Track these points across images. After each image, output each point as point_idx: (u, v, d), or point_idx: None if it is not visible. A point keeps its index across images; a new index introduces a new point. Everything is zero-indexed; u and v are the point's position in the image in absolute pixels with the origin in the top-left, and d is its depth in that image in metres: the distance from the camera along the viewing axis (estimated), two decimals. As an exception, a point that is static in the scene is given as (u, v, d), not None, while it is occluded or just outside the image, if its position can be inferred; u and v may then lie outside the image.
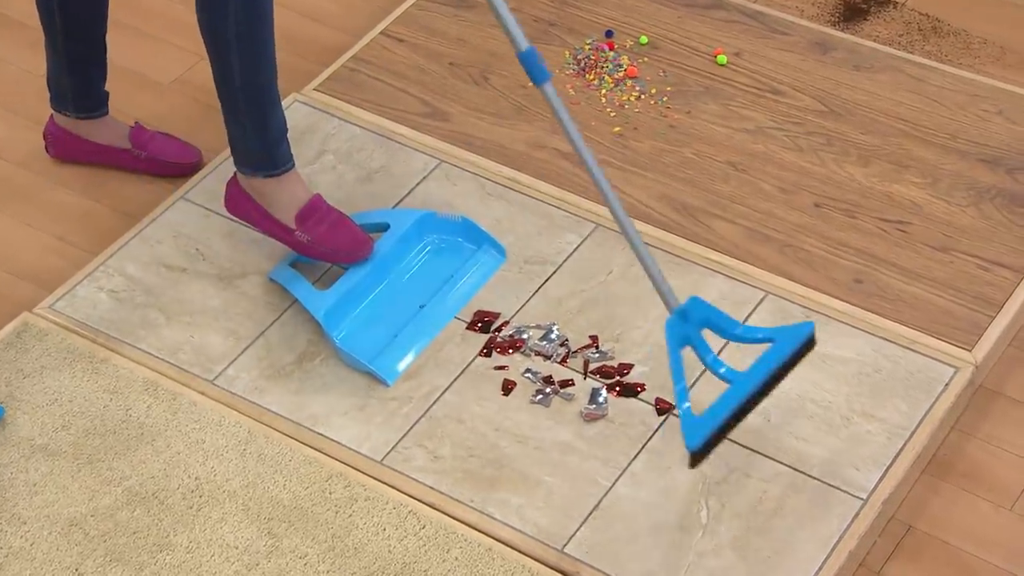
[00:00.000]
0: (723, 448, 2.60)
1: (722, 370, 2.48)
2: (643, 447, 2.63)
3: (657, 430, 2.65)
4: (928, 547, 2.54)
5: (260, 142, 2.81)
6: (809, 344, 2.48)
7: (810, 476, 2.58)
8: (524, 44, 2.44)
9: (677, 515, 2.54)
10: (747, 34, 3.31)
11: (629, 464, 2.61)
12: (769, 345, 2.48)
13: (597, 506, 2.56)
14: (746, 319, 2.79)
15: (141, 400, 2.75)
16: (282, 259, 2.94)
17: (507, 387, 2.73)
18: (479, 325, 2.82)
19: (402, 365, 2.77)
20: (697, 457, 2.42)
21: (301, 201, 2.86)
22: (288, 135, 2.84)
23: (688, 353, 2.47)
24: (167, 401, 2.75)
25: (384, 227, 2.93)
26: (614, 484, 2.59)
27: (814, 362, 2.71)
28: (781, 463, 2.60)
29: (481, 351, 2.78)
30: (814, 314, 2.79)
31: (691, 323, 2.47)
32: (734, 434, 2.62)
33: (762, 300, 2.82)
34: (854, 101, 3.16)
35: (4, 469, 2.65)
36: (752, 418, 2.63)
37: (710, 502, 2.55)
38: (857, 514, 2.52)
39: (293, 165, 2.86)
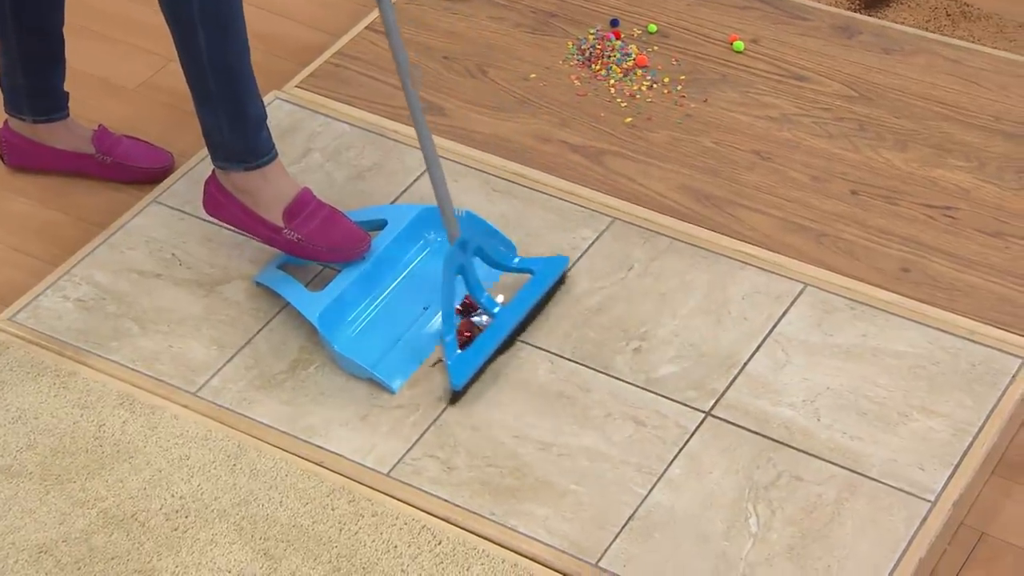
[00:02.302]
0: (769, 449, 2.36)
1: (495, 309, 2.53)
2: (680, 451, 2.37)
3: (695, 432, 2.39)
4: (1005, 555, 2.28)
5: (237, 130, 2.55)
6: (563, 277, 2.60)
7: (869, 477, 2.32)
8: None
9: (723, 523, 2.28)
10: (763, 20, 3.08)
11: (666, 469, 2.35)
12: (529, 277, 2.57)
13: (633, 516, 2.29)
14: (785, 312, 2.54)
15: (115, 415, 2.47)
16: (269, 262, 2.67)
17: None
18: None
19: (407, 371, 2.51)
20: (458, 396, 2.45)
21: (288, 196, 2.60)
22: (268, 123, 2.58)
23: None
24: (145, 415, 2.47)
25: (381, 224, 2.67)
26: (650, 491, 2.32)
27: (863, 355, 2.47)
28: (835, 464, 2.34)
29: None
30: (860, 305, 2.54)
31: (468, 252, 2.51)
32: (780, 434, 2.39)
33: (801, 292, 2.57)
34: (886, 85, 2.93)
35: (-37, 491, 2.37)
36: (799, 417, 2.39)
37: (759, 508, 2.29)
38: (926, 517, 2.26)
39: (276, 155, 2.60)
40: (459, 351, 2.46)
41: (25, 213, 2.87)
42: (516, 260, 2.60)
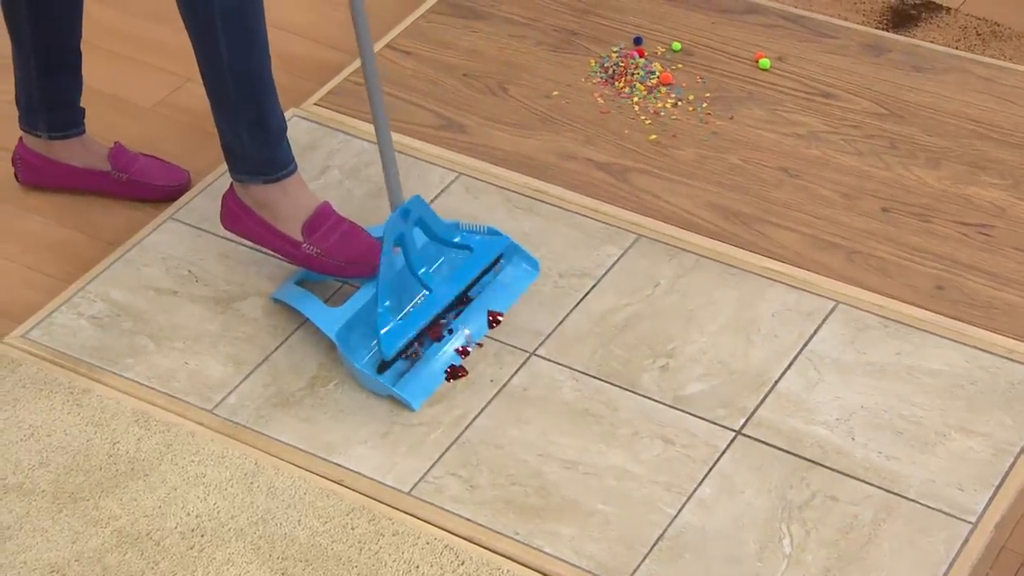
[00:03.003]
0: (802, 469, 2.29)
1: (432, 284, 2.51)
2: (711, 470, 2.30)
3: (725, 451, 2.32)
4: (1049, 580, 2.21)
5: (257, 141, 2.49)
6: (500, 256, 2.59)
7: (906, 498, 2.25)
8: None
9: (756, 544, 2.21)
10: (790, 38, 3.03)
11: (696, 489, 2.28)
12: (468, 254, 2.57)
13: (662, 536, 2.22)
14: (817, 330, 2.48)
15: (130, 432, 2.41)
16: (287, 278, 2.61)
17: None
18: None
19: (428, 388, 2.44)
20: (386, 365, 2.43)
21: (308, 209, 2.54)
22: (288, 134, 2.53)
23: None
24: (160, 433, 2.41)
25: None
26: (680, 511, 2.25)
27: (898, 374, 2.40)
28: (871, 484, 2.27)
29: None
30: (894, 323, 2.48)
31: (409, 222, 2.47)
32: (813, 453, 2.32)
33: (833, 310, 2.51)
34: (917, 103, 2.87)
35: (-28, 509, 2.30)
36: (833, 436, 2.33)
37: (792, 529, 2.22)
38: (967, 539, 2.19)
39: (296, 168, 2.55)
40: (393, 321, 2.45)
41: (40, 231, 2.81)
42: (457, 237, 2.56)
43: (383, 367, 2.43)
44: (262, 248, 2.63)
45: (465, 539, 2.24)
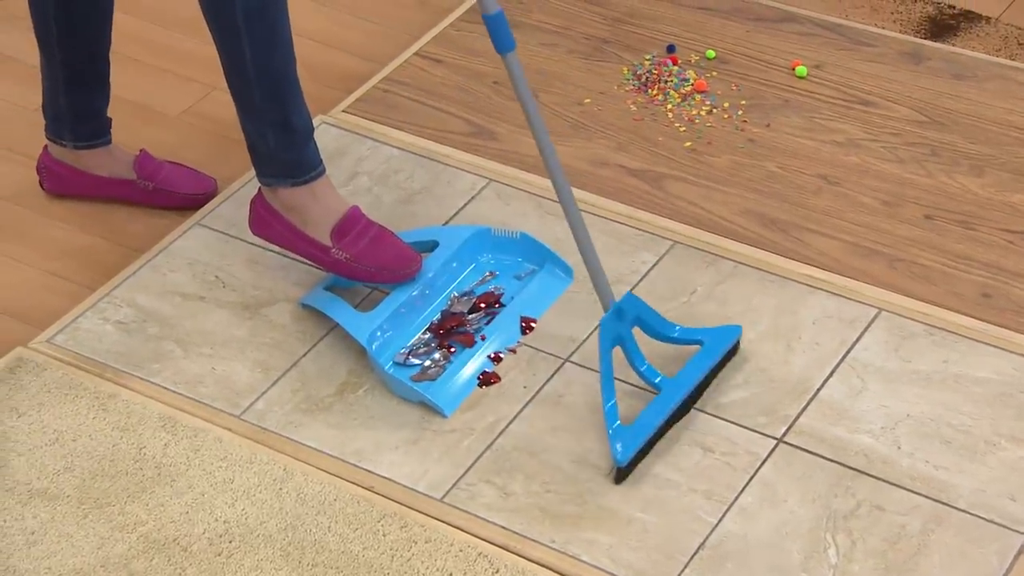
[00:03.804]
0: (847, 478, 2.23)
1: (657, 379, 2.34)
2: (752, 478, 2.24)
3: (766, 459, 2.26)
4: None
5: (284, 143, 2.45)
6: (735, 348, 2.40)
7: (956, 508, 2.19)
8: (493, 7, 2.23)
9: (800, 554, 2.14)
10: (827, 46, 2.98)
11: (737, 497, 2.22)
12: (698, 348, 2.37)
13: (703, 545, 2.16)
14: (860, 337, 2.42)
15: (157, 437, 2.35)
16: (316, 283, 2.56)
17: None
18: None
19: (460, 394, 2.39)
20: (624, 473, 2.25)
21: (337, 213, 2.49)
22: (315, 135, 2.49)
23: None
24: (187, 438, 2.35)
25: (432, 245, 2.56)
26: (721, 520, 2.19)
27: (945, 382, 2.35)
28: (919, 494, 2.20)
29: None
30: (939, 331, 2.42)
31: (625, 322, 2.31)
32: (858, 462, 2.26)
33: (875, 317, 2.45)
34: (958, 111, 2.82)
35: (-4, 514, 2.25)
36: (879, 444, 2.27)
37: (838, 538, 2.16)
38: (1020, 551, 2.13)
39: (324, 170, 2.50)
40: (620, 423, 2.26)
41: (64, 239, 2.77)
42: (678, 330, 2.38)
43: (620, 476, 2.25)
44: (290, 253, 2.58)
45: (499, 547, 2.18)
